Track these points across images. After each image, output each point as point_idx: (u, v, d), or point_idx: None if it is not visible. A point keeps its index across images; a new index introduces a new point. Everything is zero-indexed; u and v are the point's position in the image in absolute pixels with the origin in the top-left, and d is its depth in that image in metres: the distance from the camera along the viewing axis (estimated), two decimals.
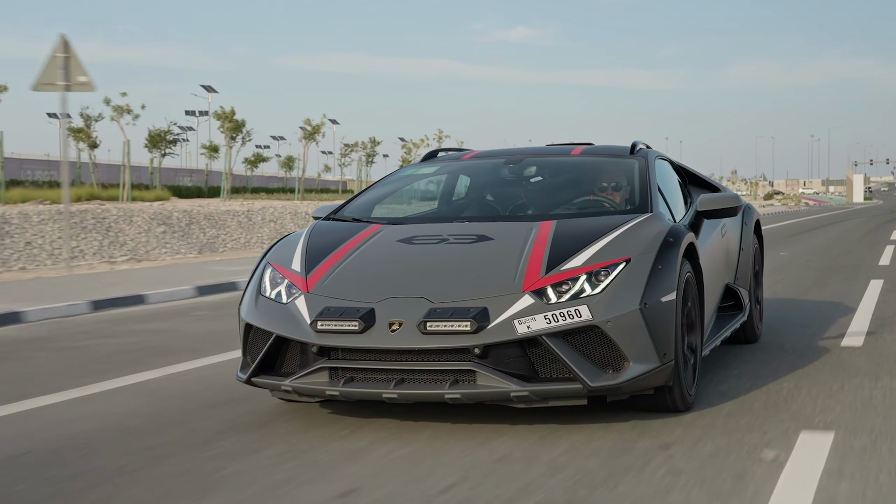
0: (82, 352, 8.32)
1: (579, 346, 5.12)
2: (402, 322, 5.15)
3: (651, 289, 5.28)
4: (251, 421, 5.59)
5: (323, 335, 5.23)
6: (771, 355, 7.40)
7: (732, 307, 7.50)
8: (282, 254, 5.96)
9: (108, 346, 8.64)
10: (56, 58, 15.47)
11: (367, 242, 5.91)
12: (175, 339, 8.90)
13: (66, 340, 9.02)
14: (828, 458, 4.63)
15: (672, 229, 5.74)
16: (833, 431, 5.09)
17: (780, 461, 4.59)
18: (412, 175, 7.20)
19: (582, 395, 5.11)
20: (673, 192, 6.86)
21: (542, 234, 5.69)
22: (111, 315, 10.95)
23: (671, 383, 5.40)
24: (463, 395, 5.05)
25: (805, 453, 4.71)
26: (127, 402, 6.24)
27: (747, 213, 8.25)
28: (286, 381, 5.32)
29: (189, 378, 6.98)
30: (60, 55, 15.47)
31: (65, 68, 15.47)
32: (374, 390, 5.13)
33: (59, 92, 15.65)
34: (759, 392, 6.08)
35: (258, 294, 5.70)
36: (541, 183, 6.89)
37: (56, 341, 9.00)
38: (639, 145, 7.01)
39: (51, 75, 15.50)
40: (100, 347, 8.55)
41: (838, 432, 5.08)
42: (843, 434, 5.05)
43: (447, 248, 5.71)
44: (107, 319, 10.57)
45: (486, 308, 5.12)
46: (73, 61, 15.51)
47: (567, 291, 5.20)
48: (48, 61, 15.41)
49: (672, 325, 5.34)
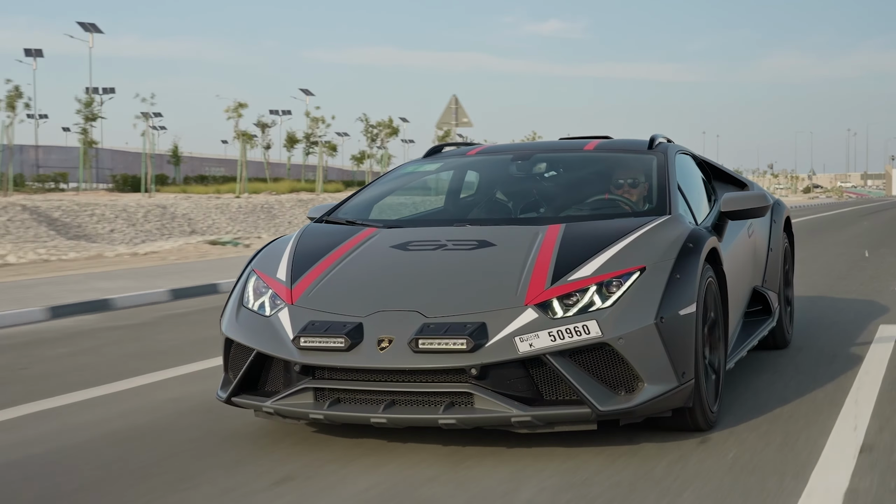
0: None
1: (588, 365, 4.63)
2: (391, 339, 4.67)
3: (668, 301, 4.78)
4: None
5: (306, 353, 4.77)
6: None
7: (760, 312, 6.98)
8: (268, 261, 5.50)
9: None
10: (450, 108, 25.96)
11: (359, 248, 5.44)
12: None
13: None
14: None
15: (692, 233, 5.24)
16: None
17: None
18: (414, 172, 6.71)
19: (591, 419, 4.62)
20: (695, 191, 6.34)
21: (548, 239, 5.20)
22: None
23: (691, 404, 4.90)
24: (458, 420, 4.57)
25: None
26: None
27: (776, 211, 7.70)
28: (268, 402, 4.87)
29: None
30: (453, 106, 25.94)
31: (455, 114, 25.93)
32: (361, 414, 4.67)
33: (451, 128, 26.88)
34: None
35: (240, 305, 5.25)
36: (550, 181, 6.38)
37: None
38: (658, 139, 6.47)
39: (447, 118, 26.12)
40: None
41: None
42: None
43: (445, 255, 5.23)
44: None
45: (484, 323, 4.64)
46: (460, 110, 25.93)
47: (574, 304, 4.71)
48: (445, 109, 26.02)
49: (691, 341, 4.85)
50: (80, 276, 13.76)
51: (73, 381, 6.75)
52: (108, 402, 6.18)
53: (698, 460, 4.64)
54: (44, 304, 10.39)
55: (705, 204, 6.43)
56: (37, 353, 8.13)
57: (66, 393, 6.40)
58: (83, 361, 7.64)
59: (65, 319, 10.03)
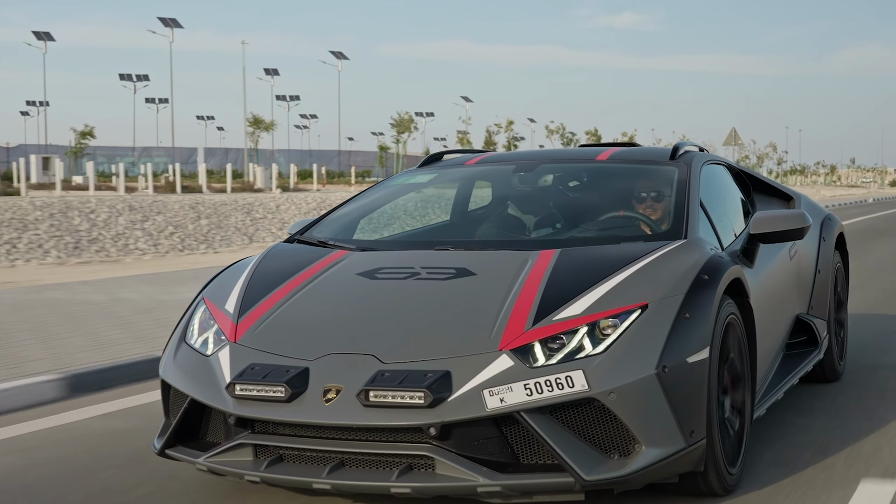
0: None
1: (572, 424, 3.85)
2: (339, 388, 3.93)
3: (673, 346, 3.97)
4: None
5: (241, 403, 4.05)
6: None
7: (805, 343, 6.10)
8: (220, 287, 4.78)
9: None
10: (730, 135, 39.89)
11: (321, 275, 4.69)
12: None
13: None
14: None
15: (710, 262, 4.41)
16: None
17: None
18: (405, 184, 5.94)
19: (575, 489, 3.84)
20: (724, 209, 5.48)
21: (538, 267, 4.41)
22: None
23: (702, 468, 4.10)
24: (414, 489, 3.82)
25: None
26: None
27: (826, 227, 6.77)
28: (201, 458, 4.16)
29: None
30: (732, 135, 39.89)
31: (734, 138, 39.91)
32: (302, 478, 3.93)
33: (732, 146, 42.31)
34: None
35: (181, 341, 4.55)
36: (554, 197, 5.55)
37: None
38: (683, 147, 5.63)
39: (730, 139, 39.79)
40: None
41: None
42: None
43: (415, 285, 4.46)
44: None
45: (448, 372, 3.87)
46: (737, 135, 40.00)
47: (559, 350, 3.93)
48: (729, 134, 40.34)
49: (703, 393, 4.04)
50: None
51: None
52: None
53: None
54: None
55: (738, 224, 5.57)
56: None
57: None
58: None
59: None
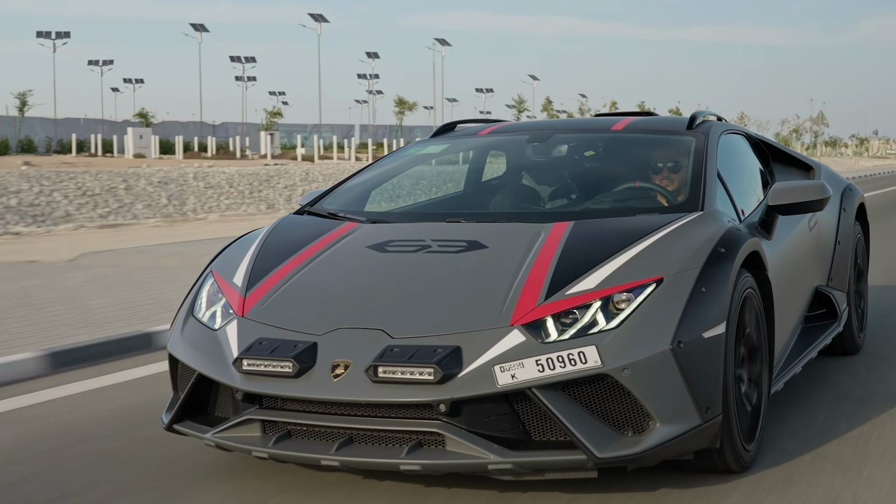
0: None
1: (585, 400, 3.77)
2: (348, 364, 3.87)
3: (689, 321, 3.88)
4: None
5: (249, 378, 3.98)
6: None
7: (824, 315, 6.01)
8: (229, 260, 4.71)
9: None
10: (819, 115, 60.71)
11: (330, 248, 4.62)
12: None
13: None
14: None
15: (726, 234, 4.32)
16: None
17: None
18: (417, 155, 5.84)
19: (587, 467, 3.77)
20: (743, 180, 5.38)
21: (551, 240, 4.32)
22: None
23: (718, 444, 4.02)
24: (423, 465, 3.76)
25: None
26: None
27: (847, 198, 6.64)
28: (209, 434, 4.11)
29: None
30: (821, 116, 60.91)
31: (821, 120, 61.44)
32: (310, 454, 3.87)
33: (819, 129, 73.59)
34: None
35: (189, 315, 4.49)
36: (568, 167, 5.47)
37: None
38: (701, 117, 5.52)
39: (818, 120, 58.83)
40: None
41: None
42: None
43: (425, 259, 4.38)
44: None
45: (458, 348, 3.80)
46: (823, 115, 58.33)
47: (572, 325, 3.85)
48: (818, 114, 59.13)
49: (719, 369, 3.95)
50: None
51: None
52: None
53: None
54: None
55: (756, 195, 5.46)
56: None
57: None
58: None
59: None
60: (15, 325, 7.26)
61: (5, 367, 6.09)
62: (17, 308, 8.04)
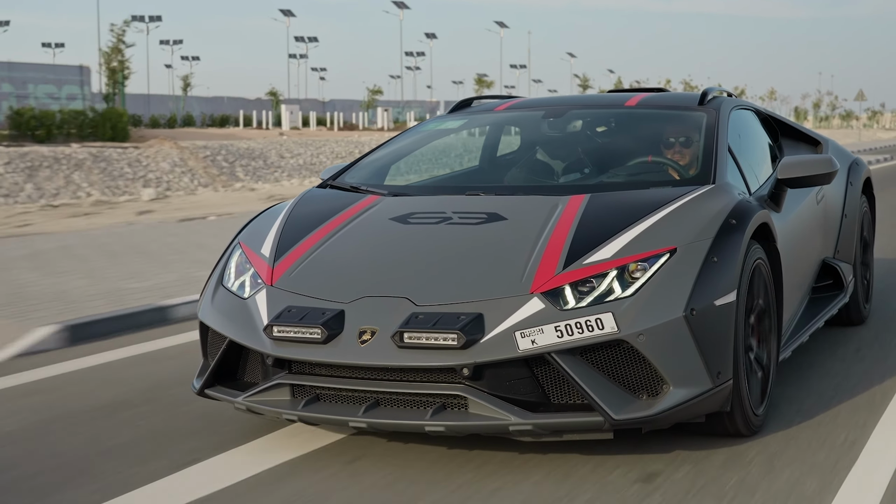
0: None
1: (602, 365, 3.95)
2: (374, 330, 4.04)
3: (701, 289, 4.05)
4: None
5: (279, 344, 4.16)
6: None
7: (831, 286, 6.17)
8: (256, 233, 4.88)
9: None
10: (860, 93, 53.77)
11: (355, 220, 4.79)
12: None
13: None
14: None
15: (737, 207, 4.48)
16: None
17: None
18: (435, 130, 5.99)
19: (604, 428, 3.94)
20: (753, 154, 5.53)
21: (568, 212, 4.48)
22: None
23: (728, 408, 4.19)
24: (447, 427, 3.94)
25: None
26: None
27: (853, 172, 6.79)
28: (240, 398, 4.29)
29: None
30: (861, 94, 54.64)
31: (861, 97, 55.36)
32: (339, 416, 4.06)
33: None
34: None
35: (219, 284, 4.66)
36: (584, 141, 5.62)
37: None
38: (712, 93, 5.66)
39: (859, 97, 54.82)
40: None
41: None
42: None
43: (447, 230, 4.55)
44: None
45: (481, 314, 3.97)
46: (863, 93, 50.93)
47: (589, 293, 4.02)
48: (858, 92, 48.34)
49: (729, 336, 4.12)
50: None
51: None
52: None
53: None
54: None
55: (766, 169, 5.61)
56: None
57: None
58: None
59: None
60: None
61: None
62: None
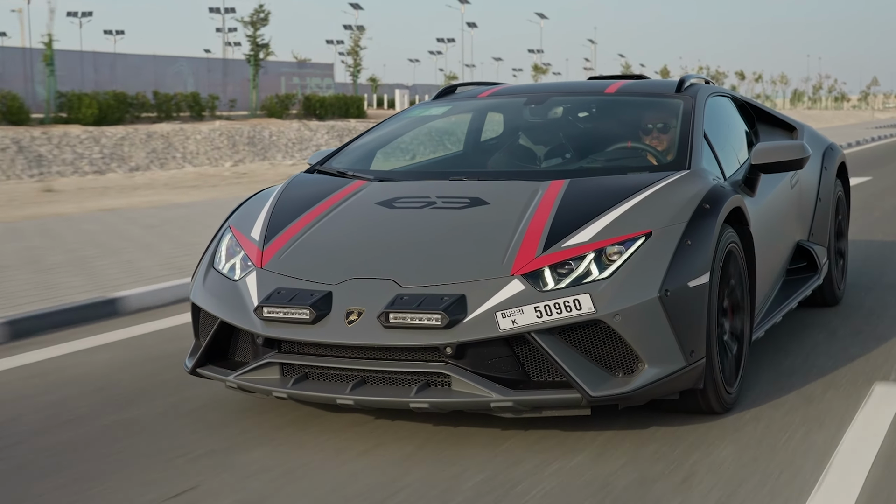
0: None
1: (580, 344, 4.11)
2: (361, 311, 4.20)
3: (676, 271, 4.22)
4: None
5: (269, 324, 4.32)
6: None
7: (805, 269, 6.35)
8: (245, 216, 5.03)
9: None
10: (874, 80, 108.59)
11: (342, 204, 4.94)
12: None
13: None
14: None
15: (711, 191, 4.64)
16: None
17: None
18: (420, 117, 6.15)
19: (582, 405, 4.11)
20: (728, 140, 5.69)
21: (548, 197, 4.64)
22: None
23: (702, 385, 4.36)
24: (431, 404, 4.10)
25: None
26: None
27: (828, 157, 6.96)
28: (231, 376, 4.45)
29: None
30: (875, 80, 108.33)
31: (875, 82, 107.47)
32: (327, 394, 4.22)
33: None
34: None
35: (210, 266, 4.81)
36: (565, 128, 5.78)
37: None
38: (689, 80, 5.82)
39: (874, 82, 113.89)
40: None
41: None
42: None
43: (431, 214, 4.71)
44: None
45: (463, 296, 4.14)
46: (876, 80, 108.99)
47: (568, 275, 4.18)
48: (872, 79, 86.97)
49: (703, 316, 4.29)
50: None
51: None
52: None
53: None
54: None
55: (741, 154, 5.78)
56: None
57: None
58: None
59: None
60: None
61: None
62: None
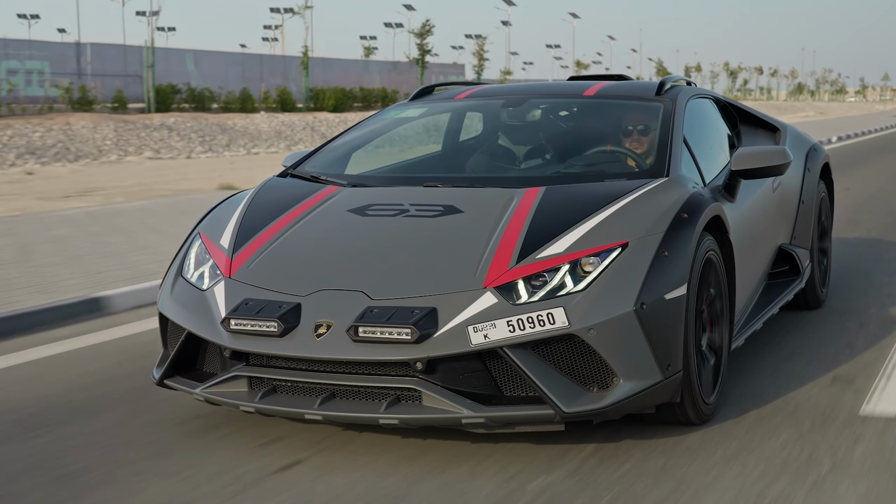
0: None
1: (554, 359, 4.02)
2: (330, 324, 4.10)
3: (652, 283, 4.12)
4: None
5: (236, 336, 4.22)
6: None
7: (787, 272, 6.26)
8: (215, 222, 4.92)
9: None
10: (884, 76, 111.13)
11: (313, 211, 4.83)
12: None
13: None
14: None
15: (689, 200, 4.55)
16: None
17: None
18: (395, 118, 6.03)
19: (555, 421, 4.02)
20: (709, 144, 5.59)
21: (523, 205, 4.54)
22: None
23: (678, 398, 4.28)
24: (401, 419, 4.01)
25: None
26: None
27: (811, 158, 6.85)
28: (198, 388, 4.34)
29: None
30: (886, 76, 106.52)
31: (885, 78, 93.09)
32: (294, 409, 4.12)
33: None
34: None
35: (178, 275, 4.70)
36: (541, 132, 5.66)
37: None
38: (669, 83, 5.72)
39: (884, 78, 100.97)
40: None
41: None
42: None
43: (404, 223, 4.60)
44: None
45: (434, 309, 4.04)
46: (887, 77, 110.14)
47: (542, 287, 4.08)
48: (883, 75, 67.89)
49: (679, 329, 4.20)
50: None
51: None
52: None
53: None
54: None
55: (722, 158, 5.68)
56: None
57: None
58: None
59: None
60: None
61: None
62: None
